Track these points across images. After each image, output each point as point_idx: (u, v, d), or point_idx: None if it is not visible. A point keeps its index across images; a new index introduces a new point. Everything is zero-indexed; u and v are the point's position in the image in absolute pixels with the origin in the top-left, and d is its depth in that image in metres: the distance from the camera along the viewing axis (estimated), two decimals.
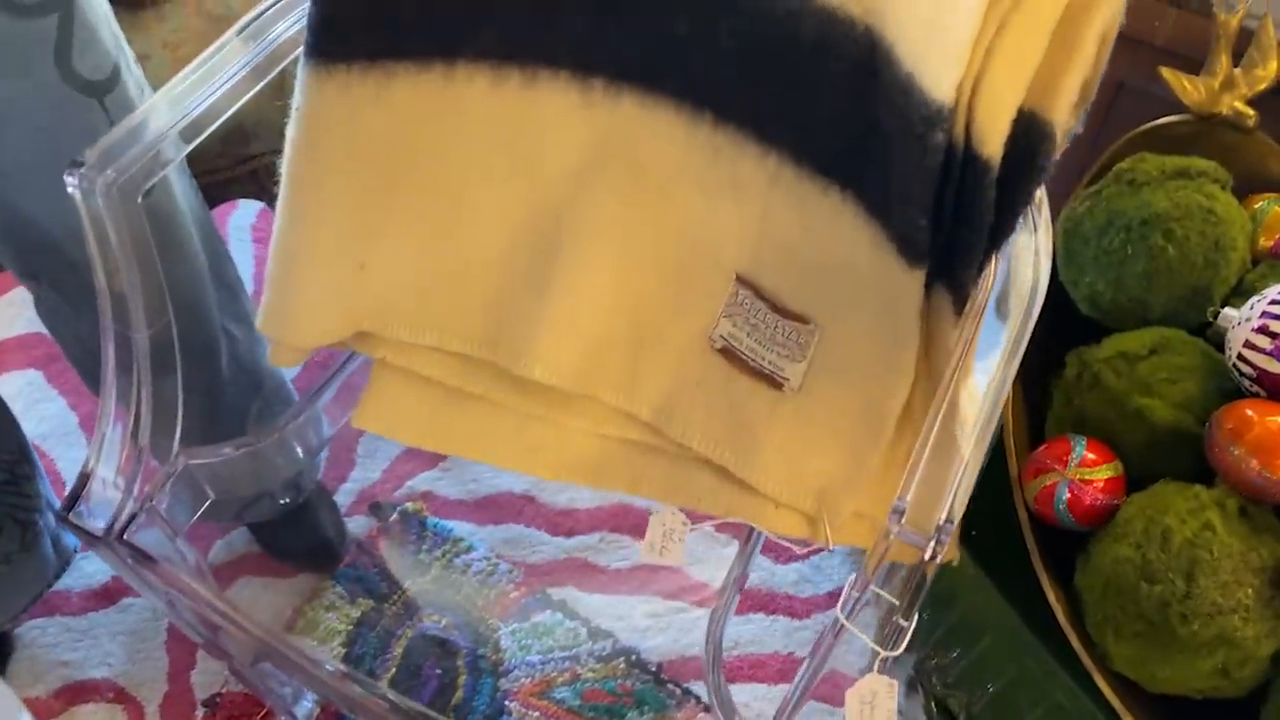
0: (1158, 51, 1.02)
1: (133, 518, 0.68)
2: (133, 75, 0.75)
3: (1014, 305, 0.55)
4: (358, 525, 1.14)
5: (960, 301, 0.54)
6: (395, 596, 1.08)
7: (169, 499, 0.70)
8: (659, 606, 1.07)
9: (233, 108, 0.66)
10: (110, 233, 0.60)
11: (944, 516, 0.49)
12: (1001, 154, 0.48)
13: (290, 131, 0.61)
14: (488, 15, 0.60)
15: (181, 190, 0.84)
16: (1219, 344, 0.64)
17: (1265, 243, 0.69)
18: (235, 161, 0.94)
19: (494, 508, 1.15)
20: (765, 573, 1.10)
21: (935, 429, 0.53)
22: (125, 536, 0.67)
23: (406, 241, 0.65)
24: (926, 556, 0.48)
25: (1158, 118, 0.79)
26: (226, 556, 1.12)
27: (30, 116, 0.70)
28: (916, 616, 0.50)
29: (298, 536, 1.10)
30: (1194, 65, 0.90)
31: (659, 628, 1.06)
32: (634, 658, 1.03)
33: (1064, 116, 0.49)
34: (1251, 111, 0.70)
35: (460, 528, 1.13)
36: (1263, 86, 0.69)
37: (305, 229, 0.64)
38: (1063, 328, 0.71)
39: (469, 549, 1.11)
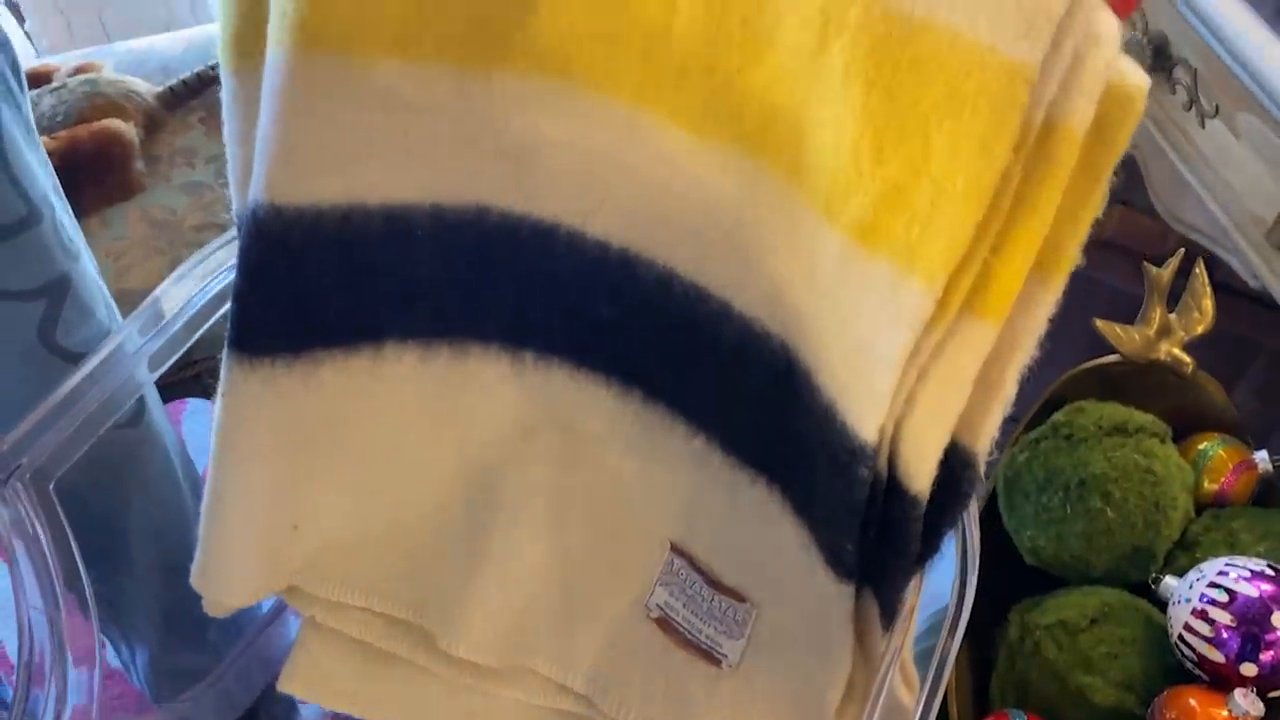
0: (1104, 245, 1.02)
1: None
2: None
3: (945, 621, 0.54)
4: (312, 712, 1.11)
5: (889, 615, 0.52)
6: None
7: None
8: None
9: (191, 338, 0.67)
10: (24, 525, 0.59)
11: None
12: (929, 490, 0.47)
13: (216, 410, 0.60)
14: (414, 299, 0.59)
15: (153, 402, 0.83)
16: (1165, 604, 0.63)
17: (1210, 486, 0.69)
18: (178, 367, 0.93)
19: None
20: None
21: None
22: None
23: (338, 504, 0.64)
24: None
25: (1103, 312, 0.79)
26: None
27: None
28: None
29: None
30: (1139, 259, 0.91)
31: None
32: None
33: (987, 445, 0.48)
34: (1188, 359, 0.69)
35: None
36: (1200, 330, 0.69)
37: (237, 496, 0.62)
38: (1009, 568, 0.70)
39: None
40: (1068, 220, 0.44)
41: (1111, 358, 0.71)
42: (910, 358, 0.44)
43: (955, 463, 0.48)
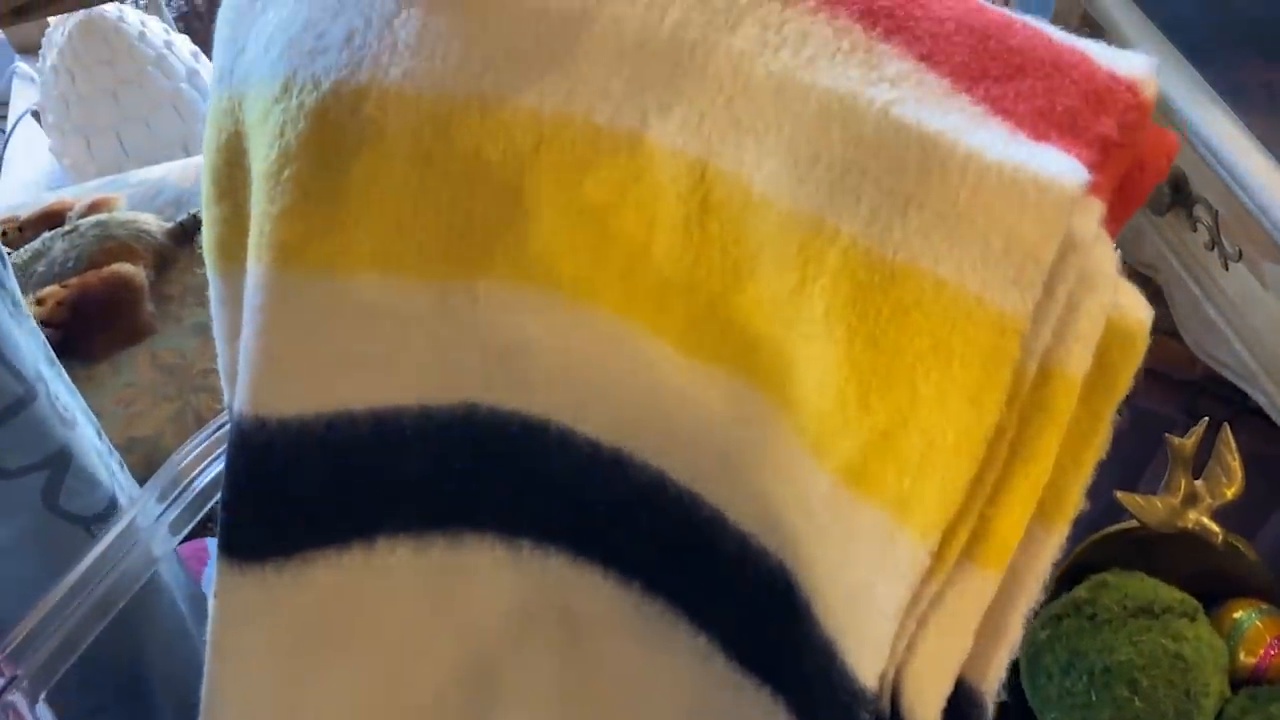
0: None
1: None
2: (128, 498, 0.76)
3: None
4: None
5: None
6: None
7: None
8: None
9: (211, 501, 0.66)
10: None
11: None
12: None
13: (210, 608, 0.59)
14: (405, 496, 0.58)
15: (166, 564, 0.83)
16: None
17: (1247, 659, 0.65)
18: None
19: None
20: None
21: None
22: None
23: (337, 695, 0.62)
24: None
25: (1131, 436, 0.75)
26: None
27: (6, 537, 0.71)
28: None
29: None
30: (1166, 380, 0.87)
31: None
32: None
33: (995, 684, 0.46)
34: (1217, 528, 0.66)
35: None
36: (1230, 495, 0.66)
37: (234, 692, 0.61)
38: None
39: None
40: (1069, 465, 0.41)
41: (1135, 523, 0.68)
42: (909, 607, 0.42)
43: (962, 702, 0.46)
